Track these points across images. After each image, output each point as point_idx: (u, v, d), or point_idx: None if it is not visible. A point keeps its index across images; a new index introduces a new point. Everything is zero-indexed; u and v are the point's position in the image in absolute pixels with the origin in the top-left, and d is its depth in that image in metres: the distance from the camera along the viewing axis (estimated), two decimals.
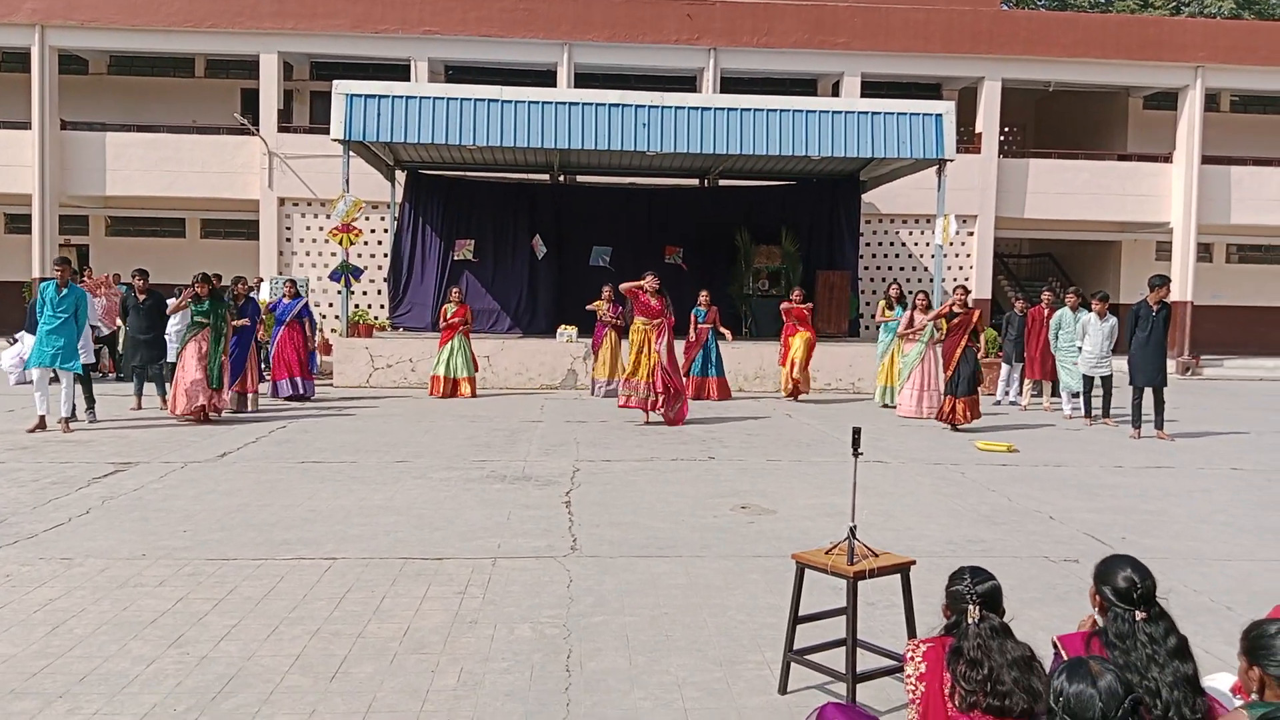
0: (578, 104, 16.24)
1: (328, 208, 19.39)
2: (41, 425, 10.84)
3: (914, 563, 4.26)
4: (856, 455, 4.20)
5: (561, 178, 21.33)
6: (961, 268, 22.38)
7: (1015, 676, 2.90)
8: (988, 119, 22.03)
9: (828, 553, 4.12)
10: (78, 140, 21.05)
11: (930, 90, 22.98)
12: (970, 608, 3.04)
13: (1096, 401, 13.52)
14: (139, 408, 12.88)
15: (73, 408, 11.29)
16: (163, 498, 7.70)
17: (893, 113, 16.57)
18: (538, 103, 16.17)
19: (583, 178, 21.65)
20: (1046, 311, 14.96)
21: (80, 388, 11.66)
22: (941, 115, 16.55)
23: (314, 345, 15.07)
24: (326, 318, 20.03)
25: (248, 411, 12.89)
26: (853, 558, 4.02)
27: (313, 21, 20.62)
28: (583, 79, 21.07)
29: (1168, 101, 23.75)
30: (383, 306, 20.47)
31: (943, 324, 12.90)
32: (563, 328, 17.05)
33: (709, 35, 21.10)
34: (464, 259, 19.68)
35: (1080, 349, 13.55)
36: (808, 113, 16.45)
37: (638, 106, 16.17)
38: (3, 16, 20.30)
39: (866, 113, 16.60)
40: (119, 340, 16.83)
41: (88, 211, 22.80)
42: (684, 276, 19.08)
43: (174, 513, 7.21)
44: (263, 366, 14.29)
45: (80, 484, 8.14)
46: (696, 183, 21.75)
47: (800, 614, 4.24)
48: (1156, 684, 2.79)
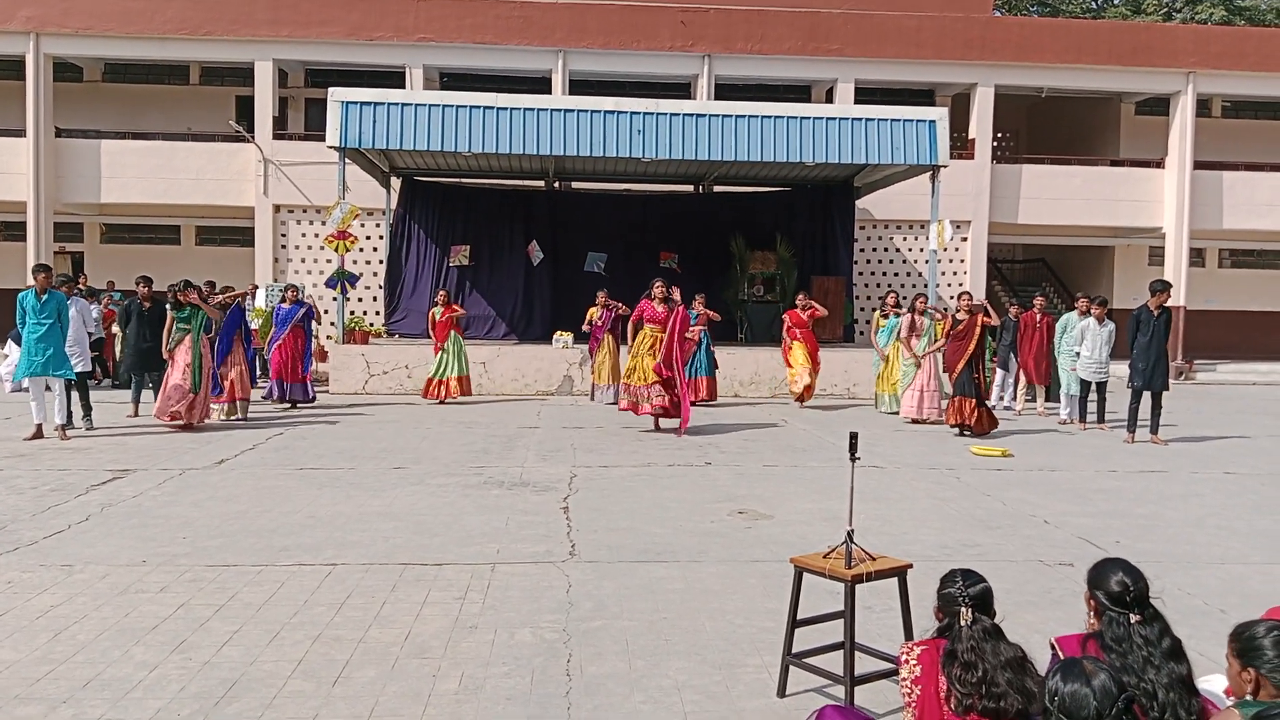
0: (573, 111, 16.30)
1: (323, 214, 19.41)
2: (39, 433, 10.85)
3: (911, 566, 4.30)
4: (854, 460, 4.24)
5: (557, 184, 21.37)
6: (955, 273, 22.45)
7: (1009, 678, 2.93)
8: (981, 125, 22.13)
9: (826, 557, 4.15)
10: (73, 147, 21.06)
11: (923, 96, 23.10)
12: (963, 610, 3.08)
13: (1092, 406, 13.58)
14: (136, 415, 12.88)
15: (69, 414, 11.30)
16: (162, 504, 7.72)
17: (886, 119, 16.64)
18: (533, 109, 16.23)
19: (578, 184, 21.71)
20: (1039, 317, 15.02)
21: (78, 394, 11.67)
22: (935, 121, 16.63)
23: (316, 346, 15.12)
24: (322, 325, 20.02)
25: (240, 418, 12.88)
26: (850, 562, 4.06)
27: (308, 29, 20.66)
28: (578, 86, 21.13)
29: (1160, 107, 23.88)
30: (378, 313, 20.48)
31: (941, 329, 12.99)
32: (559, 334, 17.08)
33: (703, 42, 21.18)
34: (460, 265, 19.70)
35: (1078, 354, 13.60)
36: (802, 119, 16.52)
37: (633, 113, 16.23)
38: None
39: (860, 119, 16.67)
40: (114, 347, 16.87)
41: (82, 219, 22.80)
42: (679, 281, 19.00)
43: (173, 519, 7.23)
44: (256, 373, 14.30)
45: (79, 491, 8.15)
46: (692, 189, 21.81)
47: (798, 618, 4.27)
48: (1153, 685, 2.83)
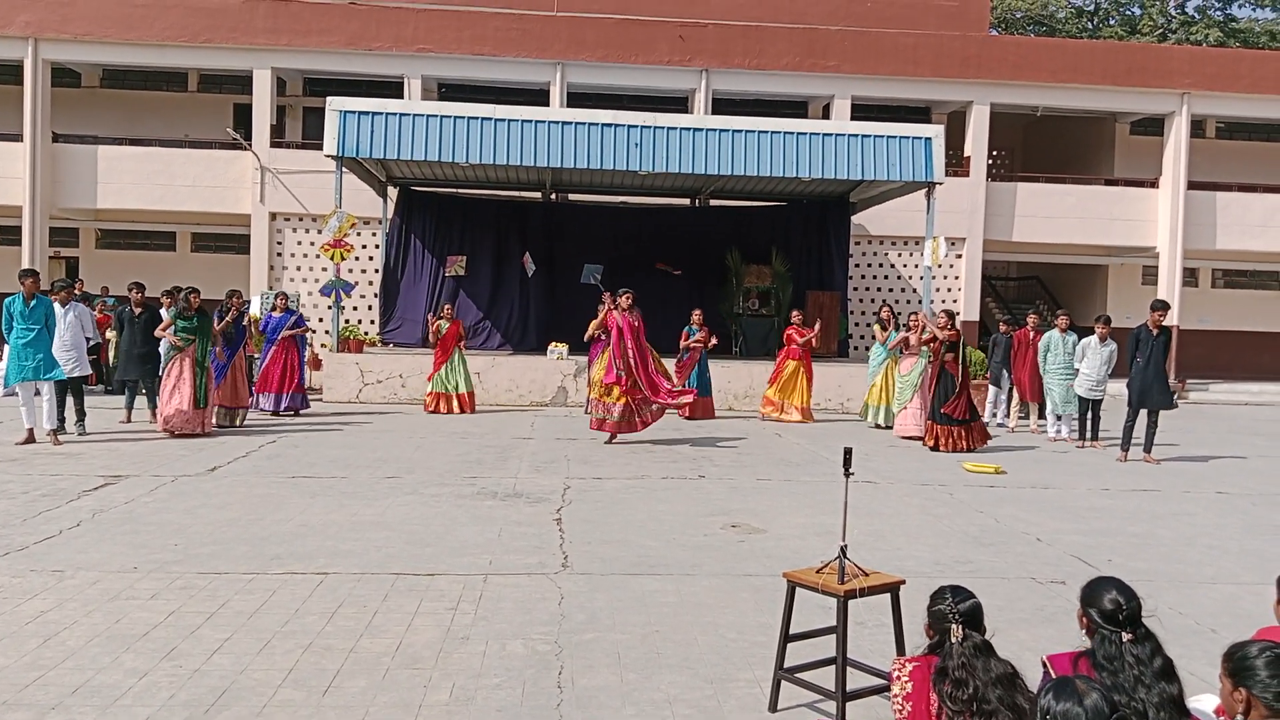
0: (570, 123, 16.35)
1: (320, 223, 19.41)
2: (30, 438, 10.82)
3: (904, 582, 4.31)
4: (848, 475, 4.25)
5: (553, 196, 21.41)
6: (950, 290, 22.51)
7: (1000, 694, 2.94)
8: (976, 143, 22.22)
9: (819, 572, 4.16)
10: (69, 153, 21.06)
11: (920, 114, 23.19)
12: (953, 627, 3.08)
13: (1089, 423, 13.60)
14: (128, 421, 12.86)
15: (62, 420, 11.28)
16: (154, 511, 7.70)
17: (882, 135, 16.72)
18: (530, 121, 16.28)
19: (575, 196, 21.75)
20: (1032, 334, 15.06)
21: (72, 399, 11.65)
22: (931, 139, 16.72)
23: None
24: (317, 333, 20.02)
25: (234, 426, 12.86)
26: (843, 577, 4.06)
27: (307, 38, 20.70)
28: (575, 98, 21.18)
29: (1154, 127, 24.00)
30: (373, 322, 20.47)
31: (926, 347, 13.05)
32: (554, 345, 17.09)
33: (701, 57, 21.26)
34: (455, 275, 19.71)
35: (1079, 371, 13.60)
36: (798, 135, 16.60)
37: (630, 126, 16.28)
38: None
39: (856, 135, 16.75)
40: (109, 353, 16.82)
41: (78, 224, 22.76)
42: (674, 295, 19.01)
43: (165, 526, 7.21)
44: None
45: (71, 497, 8.13)
46: (688, 202, 21.86)
47: (791, 632, 4.27)
48: (1143, 704, 2.83)
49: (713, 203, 21.63)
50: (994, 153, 24.05)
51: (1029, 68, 22.08)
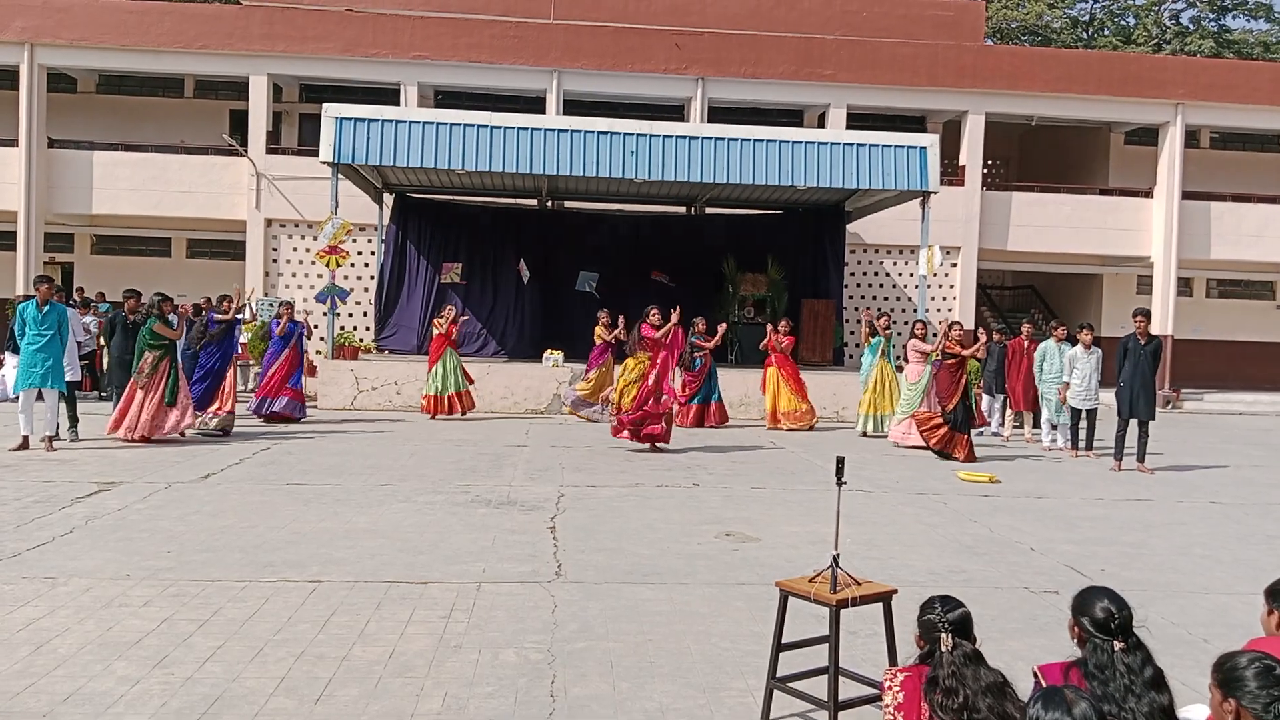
0: (566, 131, 16.37)
1: (315, 229, 19.40)
2: (25, 444, 10.80)
3: (896, 592, 4.30)
4: (840, 484, 4.25)
5: (549, 203, 21.43)
6: (945, 299, 22.56)
7: (990, 703, 2.94)
8: (971, 152, 22.29)
9: (811, 580, 4.15)
10: (65, 158, 21.04)
11: (915, 123, 23.24)
12: (943, 636, 3.09)
13: (1082, 434, 13.60)
14: None
15: (56, 426, 11.25)
16: (147, 518, 7.69)
17: (878, 144, 16.77)
18: (526, 129, 16.30)
19: (570, 204, 21.76)
20: (1026, 343, 15.08)
21: (64, 406, 11.62)
22: (926, 148, 16.77)
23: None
24: (311, 339, 20.00)
25: (224, 434, 12.81)
26: (836, 586, 4.06)
27: (303, 44, 20.72)
28: (571, 106, 21.22)
29: (1149, 137, 24.09)
30: (368, 329, 20.46)
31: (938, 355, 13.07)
32: (549, 352, 17.08)
33: (697, 65, 21.31)
34: (451, 282, 19.70)
35: (1067, 383, 13.57)
36: (794, 143, 16.63)
37: (626, 134, 16.31)
38: None
39: (852, 144, 16.79)
40: (102, 359, 16.81)
41: (73, 230, 22.74)
42: (670, 303, 18.98)
43: (158, 533, 7.20)
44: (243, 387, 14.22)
45: (63, 503, 8.11)
46: (684, 210, 21.89)
47: (783, 641, 4.27)
48: (1133, 714, 2.83)
49: (708, 211, 21.66)
50: (989, 162, 24.10)
51: (1024, 77, 22.16)
